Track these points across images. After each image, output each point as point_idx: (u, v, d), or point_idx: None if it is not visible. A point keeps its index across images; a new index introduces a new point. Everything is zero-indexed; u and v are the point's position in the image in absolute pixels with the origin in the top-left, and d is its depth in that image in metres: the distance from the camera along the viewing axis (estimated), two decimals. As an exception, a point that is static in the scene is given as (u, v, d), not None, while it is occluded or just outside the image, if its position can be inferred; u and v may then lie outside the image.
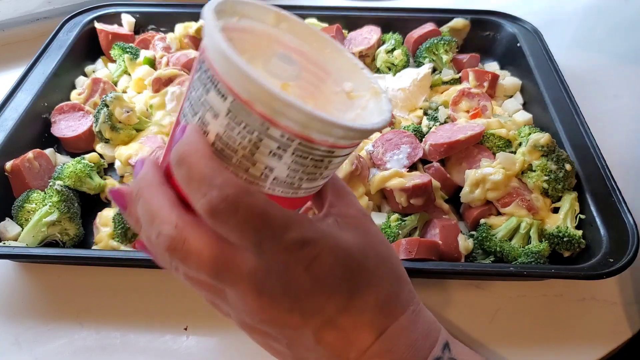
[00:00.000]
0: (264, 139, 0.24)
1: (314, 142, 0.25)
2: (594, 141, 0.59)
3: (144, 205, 0.27)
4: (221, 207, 0.24)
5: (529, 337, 0.50)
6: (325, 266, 0.27)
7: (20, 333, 0.49)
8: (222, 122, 0.25)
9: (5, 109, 0.61)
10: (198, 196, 0.25)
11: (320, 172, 0.27)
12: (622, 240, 0.49)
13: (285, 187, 0.27)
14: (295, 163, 0.26)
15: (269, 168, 0.25)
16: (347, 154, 0.28)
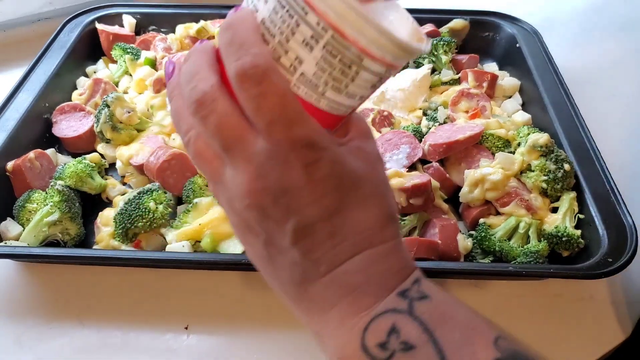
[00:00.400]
0: (301, 24, 0.26)
1: (346, 38, 0.26)
2: (592, 141, 0.59)
3: (190, 63, 0.29)
4: (249, 72, 0.26)
5: (528, 336, 0.50)
6: (322, 172, 0.27)
7: (21, 332, 0.49)
8: (269, 7, 0.27)
9: (6, 109, 0.62)
10: (233, 58, 0.27)
11: (346, 82, 0.27)
12: (621, 240, 0.50)
13: (309, 88, 0.27)
14: (324, 60, 0.26)
15: (299, 60, 0.27)
16: (376, 72, 0.28)
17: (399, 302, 0.29)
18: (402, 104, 0.70)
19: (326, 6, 0.25)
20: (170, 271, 0.54)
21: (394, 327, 0.28)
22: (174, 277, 0.54)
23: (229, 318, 0.51)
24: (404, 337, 0.28)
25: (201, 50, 0.29)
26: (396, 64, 0.28)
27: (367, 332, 0.28)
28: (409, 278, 0.30)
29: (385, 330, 0.28)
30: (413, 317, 0.28)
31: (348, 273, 0.29)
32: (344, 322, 0.29)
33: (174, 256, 0.50)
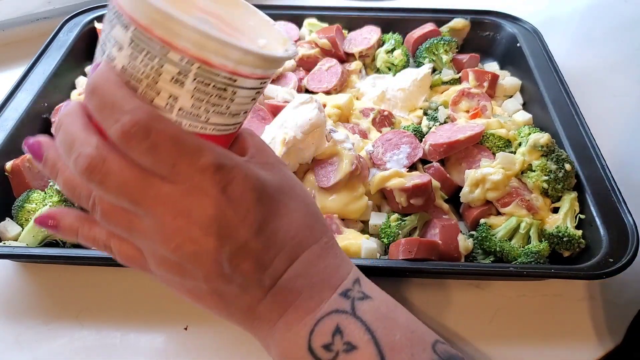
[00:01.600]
0: (165, 64, 0.25)
1: (213, 66, 0.25)
2: (593, 141, 0.59)
3: (64, 133, 0.28)
4: (133, 131, 0.25)
5: (529, 337, 0.50)
6: (238, 191, 0.27)
7: (20, 333, 0.49)
8: (126, 53, 0.26)
9: (5, 109, 0.61)
10: (111, 122, 0.26)
11: (226, 104, 0.27)
12: (622, 240, 0.50)
13: (192, 120, 0.27)
14: (198, 91, 0.26)
15: (173, 97, 0.26)
16: (252, 87, 0.28)
17: (342, 303, 0.30)
18: (402, 104, 0.69)
19: (185, 41, 0.25)
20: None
21: (338, 327, 0.29)
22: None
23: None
24: (347, 338, 0.29)
25: (69, 115, 0.28)
26: (268, 75, 0.29)
27: (313, 335, 0.29)
28: (349, 277, 0.31)
29: (330, 331, 0.29)
30: (356, 317, 0.29)
31: (290, 281, 0.30)
32: (290, 328, 0.30)
33: (174, 256, 0.50)
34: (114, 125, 0.26)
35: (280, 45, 0.31)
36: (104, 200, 0.28)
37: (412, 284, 0.54)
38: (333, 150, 0.57)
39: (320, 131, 0.56)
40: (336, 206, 0.55)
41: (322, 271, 0.30)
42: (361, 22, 0.79)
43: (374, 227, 0.56)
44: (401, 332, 0.29)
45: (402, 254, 0.50)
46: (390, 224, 0.54)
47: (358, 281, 0.31)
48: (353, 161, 0.55)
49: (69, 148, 0.27)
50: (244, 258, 0.28)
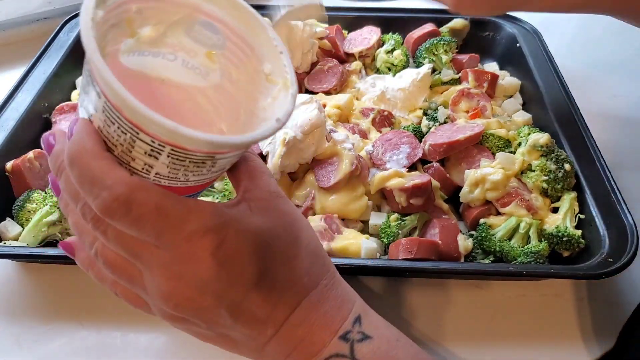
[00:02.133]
0: (137, 141, 0.25)
1: (186, 150, 0.25)
2: (593, 141, 0.59)
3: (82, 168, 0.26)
4: (114, 206, 0.25)
5: (529, 336, 0.50)
6: (231, 250, 0.27)
7: (20, 333, 0.49)
8: (100, 117, 0.26)
9: (6, 109, 0.62)
10: (91, 198, 0.26)
11: (206, 170, 0.27)
12: (622, 240, 0.49)
13: (171, 181, 0.27)
14: (173, 164, 0.26)
15: (149, 165, 0.26)
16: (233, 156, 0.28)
17: (341, 346, 0.30)
18: (402, 104, 0.69)
19: (155, 129, 0.24)
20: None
21: None
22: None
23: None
24: None
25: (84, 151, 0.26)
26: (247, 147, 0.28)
27: None
28: (350, 317, 0.31)
29: None
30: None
31: (291, 329, 0.30)
32: None
33: (174, 256, 0.50)
34: (94, 201, 0.25)
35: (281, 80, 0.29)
36: (106, 248, 0.29)
37: (412, 283, 0.54)
38: (333, 150, 0.57)
39: (320, 131, 0.56)
40: (336, 206, 0.55)
41: (322, 316, 0.31)
42: (361, 22, 0.79)
43: (374, 227, 0.56)
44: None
45: (402, 254, 0.50)
46: (390, 224, 0.54)
47: (359, 320, 0.31)
48: (353, 161, 0.55)
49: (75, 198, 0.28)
50: (242, 311, 0.29)
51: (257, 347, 0.31)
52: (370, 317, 0.33)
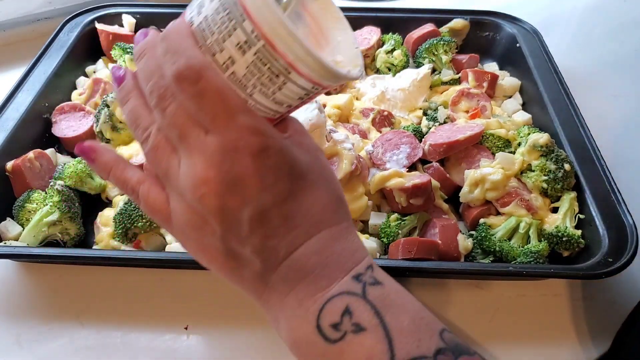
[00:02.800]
0: (238, 29, 0.27)
1: (276, 51, 0.27)
2: (593, 141, 0.59)
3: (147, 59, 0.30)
4: (186, 73, 0.27)
5: (528, 336, 0.50)
6: (271, 160, 0.29)
7: (21, 333, 0.49)
8: (213, 6, 0.28)
9: (6, 109, 0.62)
10: (169, 64, 0.28)
11: (273, 89, 0.29)
12: (621, 240, 0.50)
13: (238, 87, 0.29)
14: (254, 65, 0.28)
15: (232, 59, 0.28)
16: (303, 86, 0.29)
17: (353, 285, 0.30)
18: (402, 104, 0.69)
19: (261, 18, 0.27)
20: (170, 271, 0.54)
21: (348, 308, 0.29)
22: (174, 277, 0.53)
23: (229, 318, 0.50)
24: (356, 319, 0.29)
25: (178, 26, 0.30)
26: (323, 84, 0.30)
27: (322, 313, 0.29)
28: (362, 263, 0.32)
29: (339, 311, 0.29)
30: (366, 300, 0.30)
31: (305, 255, 0.30)
32: (301, 304, 0.30)
33: (174, 256, 0.50)
34: (172, 66, 0.28)
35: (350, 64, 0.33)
36: (160, 132, 0.30)
37: (412, 283, 0.54)
38: (333, 151, 0.57)
39: (320, 131, 0.56)
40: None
41: (338, 253, 0.31)
42: (361, 22, 0.79)
43: (373, 227, 0.56)
44: (409, 318, 0.30)
45: (402, 254, 0.50)
46: (390, 224, 0.54)
47: (371, 267, 0.32)
48: (353, 161, 0.56)
49: (148, 76, 0.30)
50: (263, 223, 0.29)
51: (263, 273, 0.30)
52: (380, 270, 0.33)
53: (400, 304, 0.30)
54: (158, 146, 0.30)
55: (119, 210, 0.54)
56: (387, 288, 0.31)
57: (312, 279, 0.30)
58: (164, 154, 0.30)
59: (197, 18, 0.29)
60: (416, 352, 0.28)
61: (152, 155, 0.30)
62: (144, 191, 0.32)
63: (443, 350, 0.29)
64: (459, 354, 0.29)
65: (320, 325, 0.29)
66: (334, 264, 0.31)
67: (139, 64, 0.31)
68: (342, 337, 0.29)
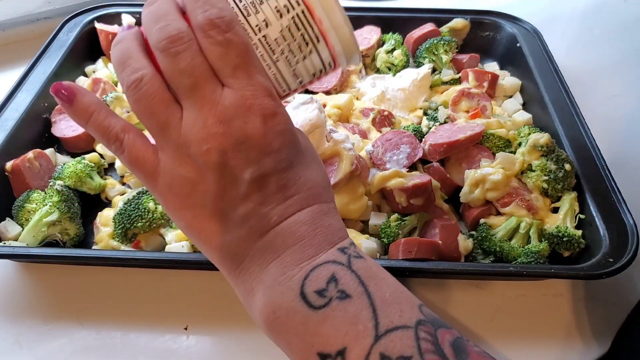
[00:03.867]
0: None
1: (313, 17, 0.29)
2: (593, 141, 0.59)
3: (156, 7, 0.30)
4: (216, 21, 0.28)
5: (529, 336, 0.50)
6: (280, 127, 0.29)
7: (20, 333, 0.49)
8: None
9: (5, 109, 0.61)
10: (200, 11, 0.28)
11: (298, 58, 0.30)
12: (622, 240, 0.49)
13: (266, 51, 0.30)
14: (288, 30, 0.29)
15: (267, 22, 0.29)
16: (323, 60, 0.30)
17: (339, 256, 0.31)
18: (402, 104, 0.69)
19: None
20: (170, 271, 0.54)
21: (334, 276, 0.30)
22: (173, 277, 0.53)
23: (229, 318, 0.50)
24: (341, 286, 0.29)
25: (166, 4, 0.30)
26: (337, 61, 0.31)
27: (307, 280, 0.29)
28: (346, 239, 0.33)
29: (325, 278, 0.29)
30: (351, 270, 0.30)
31: (297, 223, 0.30)
32: (285, 272, 0.30)
33: (174, 256, 0.50)
34: (202, 13, 0.28)
35: None
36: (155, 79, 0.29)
37: (412, 284, 0.54)
38: (333, 151, 0.57)
39: (320, 131, 0.56)
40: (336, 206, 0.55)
41: (326, 227, 0.31)
42: (361, 22, 0.79)
43: (374, 227, 0.56)
44: (390, 290, 0.31)
45: (402, 254, 0.50)
46: (390, 224, 0.54)
47: (353, 244, 0.33)
48: (353, 161, 0.55)
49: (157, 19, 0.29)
50: (261, 188, 0.29)
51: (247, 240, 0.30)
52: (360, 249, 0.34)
53: (382, 277, 0.31)
54: (156, 94, 0.29)
55: (118, 210, 0.54)
56: (368, 262, 0.32)
57: (300, 246, 0.30)
58: (162, 103, 0.29)
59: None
60: (399, 322, 0.29)
61: (146, 103, 0.29)
62: (129, 140, 0.30)
63: (423, 322, 0.30)
64: (438, 326, 0.30)
65: (305, 292, 0.29)
66: (322, 235, 0.31)
67: (147, 7, 0.30)
68: (327, 304, 0.29)
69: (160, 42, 0.28)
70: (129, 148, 0.30)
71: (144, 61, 0.29)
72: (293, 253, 0.30)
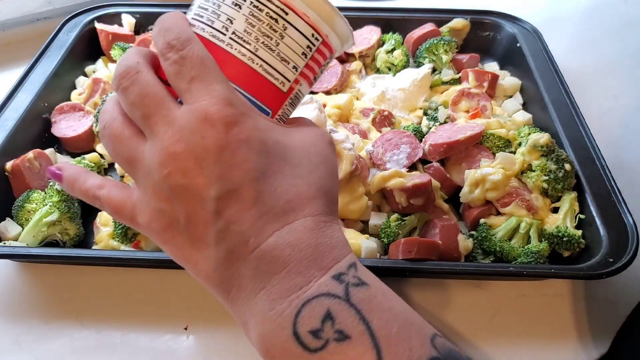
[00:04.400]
0: None
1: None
2: (593, 141, 0.59)
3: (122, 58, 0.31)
4: (172, 42, 0.29)
5: (529, 336, 0.50)
6: (244, 134, 0.27)
7: (20, 333, 0.49)
8: None
9: (5, 109, 0.61)
10: (160, 39, 0.30)
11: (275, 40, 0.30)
12: (622, 240, 0.49)
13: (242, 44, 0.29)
14: (252, 15, 0.29)
15: (230, 19, 0.29)
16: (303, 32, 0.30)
17: (334, 286, 0.27)
18: (402, 104, 0.69)
19: None
20: (170, 271, 0.54)
21: (329, 313, 0.26)
22: (173, 278, 0.53)
23: (229, 318, 0.50)
24: (339, 326, 0.26)
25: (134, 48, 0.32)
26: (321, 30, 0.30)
27: (300, 317, 0.26)
28: (344, 260, 0.28)
29: (320, 316, 0.26)
30: (349, 304, 0.26)
31: (277, 246, 0.27)
32: (273, 306, 0.27)
33: (174, 256, 0.50)
34: (161, 40, 0.29)
35: None
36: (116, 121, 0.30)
37: (412, 284, 0.54)
38: (333, 150, 0.57)
39: (320, 131, 0.56)
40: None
41: (314, 248, 0.28)
42: (361, 22, 0.79)
43: (374, 227, 0.56)
44: (398, 324, 0.27)
45: (402, 254, 0.50)
46: (390, 224, 0.54)
47: (354, 266, 0.28)
48: (353, 161, 0.55)
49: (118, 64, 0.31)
50: (230, 204, 0.27)
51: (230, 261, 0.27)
52: (364, 268, 0.30)
53: (388, 308, 0.27)
54: (116, 133, 0.30)
55: (118, 210, 0.54)
56: (372, 289, 0.28)
57: (286, 274, 0.27)
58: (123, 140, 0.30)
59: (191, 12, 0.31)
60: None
61: (111, 145, 0.30)
62: (105, 193, 0.31)
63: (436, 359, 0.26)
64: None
65: (298, 332, 0.26)
66: (310, 259, 0.27)
67: None
68: (323, 346, 0.25)
69: (114, 83, 0.30)
70: (106, 201, 0.31)
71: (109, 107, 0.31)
72: (279, 282, 0.27)
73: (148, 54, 0.32)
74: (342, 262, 0.28)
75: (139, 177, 0.30)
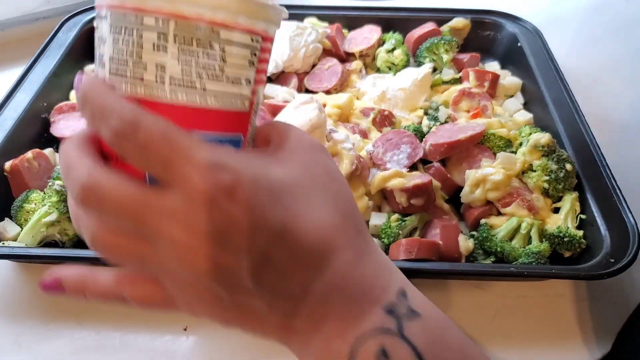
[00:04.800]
0: (143, 32, 0.24)
1: (189, 19, 0.24)
2: (594, 141, 0.59)
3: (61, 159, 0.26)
4: (121, 131, 0.23)
5: (530, 337, 0.50)
6: (247, 193, 0.24)
7: (20, 333, 0.49)
8: (109, 42, 0.26)
9: (4, 109, 0.61)
10: (103, 128, 0.24)
11: (219, 67, 0.25)
12: (623, 240, 0.49)
13: (188, 90, 0.25)
14: (183, 52, 0.25)
15: (160, 66, 0.25)
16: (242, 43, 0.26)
17: (387, 321, 0.26)
18: (403, 104, 0.69)
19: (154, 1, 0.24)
20: None
21: (384, 350, 0.25)
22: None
23: None
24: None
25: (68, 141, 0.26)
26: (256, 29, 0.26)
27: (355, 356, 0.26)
28: (391, 288, 0.28)
29: (374, 354, 0.25)
30: (404, 339, 0.26)
31: (324, 292, 0.26)
32: (329, 344, 0.26)
33: (173, 257, 0.50)
34: (104, 130, 0.24)
35: None
36: (100, 231, 0.26)
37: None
38: (333, 151, 0.56)
39: (320, 131, 0.56)
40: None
41: (360, 281, 0.27)
42: (361, 21, 0.79)
43: (374, 227, 0.56)
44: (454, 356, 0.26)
45: (403, 254, 0.50)
46: (391, 224, 0.54)
47: (404, 294, 0.27)
48: (353, 161, 0.55)
49: (65, 176, 0.25)
50: (266, 269, 0.25)
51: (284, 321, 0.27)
52: (414, 292, 0.28)
53: (444, 340, 0.27)
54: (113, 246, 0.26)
55: (118, 210, 0.53)
56: (425, 320, 0.27)
57: (338, 315, 0.26)
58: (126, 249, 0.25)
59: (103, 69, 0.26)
60: None
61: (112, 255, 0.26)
62: (129, 293, 0.27)
63: None
64: None
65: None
66: (359, 294, 0.26)
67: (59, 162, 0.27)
68: None
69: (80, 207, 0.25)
70: (133, 300, 0.28)
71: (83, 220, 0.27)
72: (334, 323, 0.26)
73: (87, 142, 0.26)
74: (390, 291, 0.27)
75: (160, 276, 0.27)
